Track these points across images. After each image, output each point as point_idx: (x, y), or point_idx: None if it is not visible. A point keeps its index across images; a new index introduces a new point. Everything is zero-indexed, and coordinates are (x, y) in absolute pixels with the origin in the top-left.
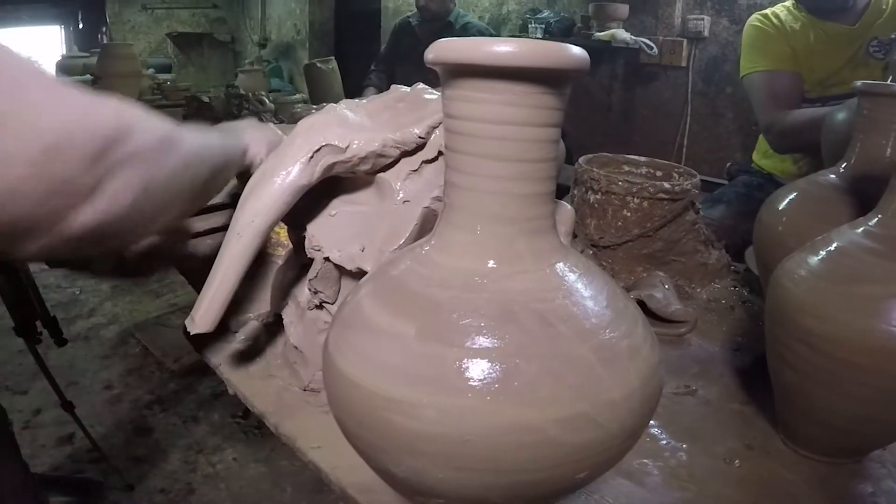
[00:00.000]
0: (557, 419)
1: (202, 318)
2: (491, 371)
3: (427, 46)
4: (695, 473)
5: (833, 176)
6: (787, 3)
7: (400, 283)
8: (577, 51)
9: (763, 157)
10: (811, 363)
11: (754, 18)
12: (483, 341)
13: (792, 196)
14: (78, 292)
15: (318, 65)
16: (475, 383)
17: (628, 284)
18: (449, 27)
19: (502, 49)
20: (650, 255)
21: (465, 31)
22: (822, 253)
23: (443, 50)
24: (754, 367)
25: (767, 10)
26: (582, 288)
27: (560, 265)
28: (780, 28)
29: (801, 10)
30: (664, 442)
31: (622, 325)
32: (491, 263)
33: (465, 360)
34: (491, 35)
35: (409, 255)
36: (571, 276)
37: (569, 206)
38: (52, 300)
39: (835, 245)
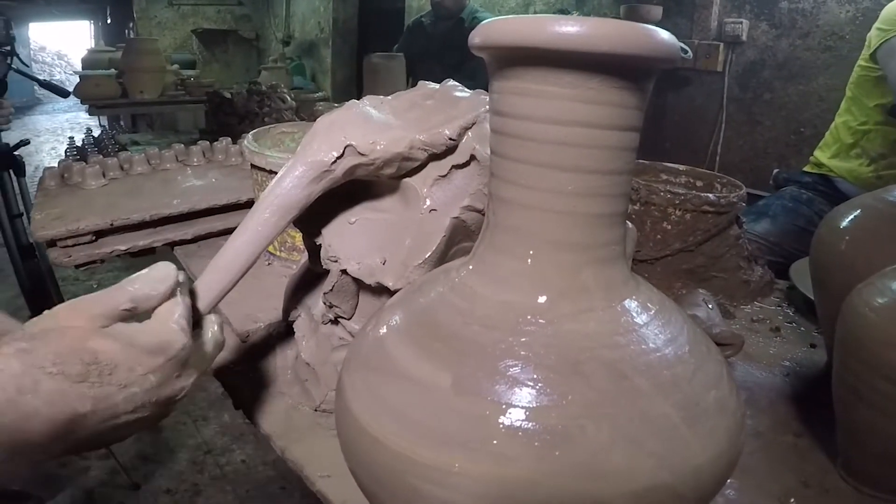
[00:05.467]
0: (632, 492)
1: (199, 299)
2: (548, 435)
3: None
4: None
5: None
6: None
7: (431, 318)
8: (667, 36)
9: (833, 156)
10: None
11: None
12: (538, 398)
13: (856, 213)
14: (96, 286)
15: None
16: (527, 450)
17: None
18: (460, 24)
19: (575, 29)
20: (690, 270)
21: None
22: None
23: (494, 31)
24: (807, 394)
25: None
26: (658, 329)
27: (630, 301)
28: None
29: None
30: None
31: (707, 373)
32: (548, 299)
33: (515, 421)
34: None
35: (443, 280)
36: (645, 316)
37: (631, 226)
38: (69, 293)
39: None
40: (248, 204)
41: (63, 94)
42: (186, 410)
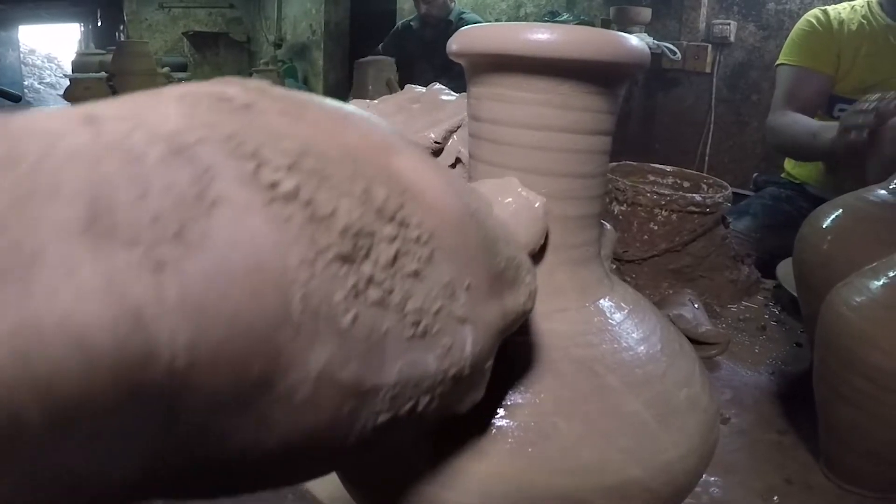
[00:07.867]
0: (603, 487)
1: None
2: (521, 432)
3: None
4: None
5: (884, 192)
6: (854, 3)
7: None
8: (637, 42)
9: (796, 165)
10: (875, 400)
11: (811, 13)
12: (512, 395)
13: (837, 213)
14: None
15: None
16: (501, 446)
17: (654, 302)
18: (449, 26)
19: (547, 37)
20: (677, 270)
21: (462, 25)
22: (886, 278)
23: (471, 38)
24: (791, 392)
25: (828, 7)
26: (631, 328)
27: (604, 301)
28: (833, 29)
29: (872, 10)
30: None
31: (679, 371)
32: None
33: (489, 418)
34: None
35: None
36: (618, 315)
37: (610, 227)
38: None
39: None
40: None
41: (14, 98)
42: None
